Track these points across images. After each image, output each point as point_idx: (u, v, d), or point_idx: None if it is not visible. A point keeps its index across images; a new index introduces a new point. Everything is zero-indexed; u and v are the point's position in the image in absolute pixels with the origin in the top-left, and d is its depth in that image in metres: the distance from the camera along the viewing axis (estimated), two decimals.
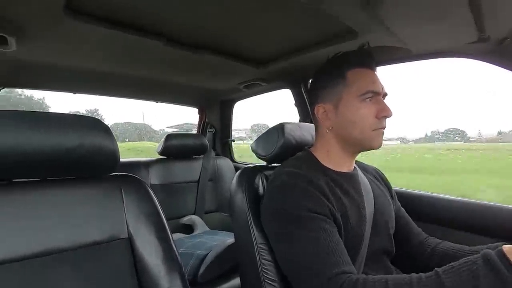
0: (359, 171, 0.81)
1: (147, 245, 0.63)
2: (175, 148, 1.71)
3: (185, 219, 1.65)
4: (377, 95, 0.70)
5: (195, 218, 1.66)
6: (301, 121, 1.50)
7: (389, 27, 0.77)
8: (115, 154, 0.63)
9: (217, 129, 2.12)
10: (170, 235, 0.67)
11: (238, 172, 0.84)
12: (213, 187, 1.84)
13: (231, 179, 0.84)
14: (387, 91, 0.73)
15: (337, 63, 0.74)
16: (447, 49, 0.90)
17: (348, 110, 0.70)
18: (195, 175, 1.79)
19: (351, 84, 0.70)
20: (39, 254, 0.53)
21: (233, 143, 2.17)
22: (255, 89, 1.63)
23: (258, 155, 0.94)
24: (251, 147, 0.97)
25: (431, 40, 0.85)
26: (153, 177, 1.61)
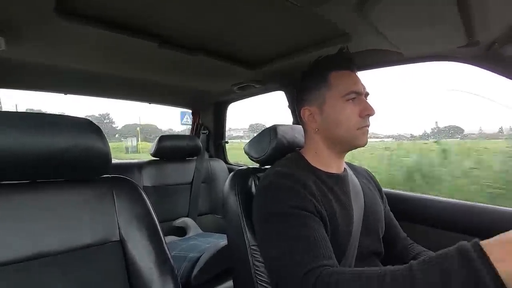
0: (350, 172, 0.82)
1: (139, 248, 0.62)
2: (168, 149, 1.70)
3: (178, 222, 1.63)
4: (359, 95, 0.72)
5: (188, 220, 1.65)
6: (294, 123, 1.50)
7: (381, 30, 0.78)
8: (107, 156, 0.62)
9: (210, 131, 2.11)
10: (162, 238, 0.66)
11: (231, 174, 0.84)
12: (206, 189, 1.83)
13: (225, 181, 0.84)
14: (368, 91, 0.76)
15: (319, 67, 0.76)
16: (438, 53, 0.91)
17: (332, 111, 0.73)
18: (188, 177, 1.78)
19: (334, 86, 0.73)
20: (29, 257, 0.52)
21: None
22: (249, 90, 1.63)
23: (251, 157, 0.94)
24: (244, 149, 0.97)
25: (422, 44, 0.86)
26: (146, 179, 1.60)
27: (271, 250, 0.63)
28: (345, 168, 0.81)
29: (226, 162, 2.08)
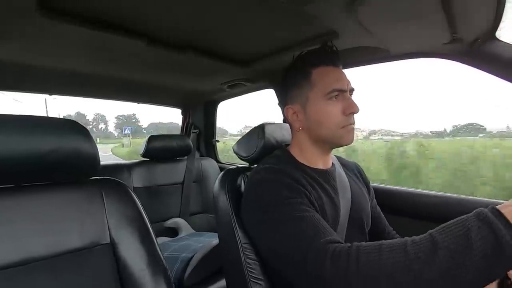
0: (338, 167, 0.82)
1: (131, 250, 0.62)
2: (158, 150, 1.68)
3: (169, 222, 1.62)
4: (343, 92, 0.71)
5: (179, 220, 1.64)
6: (284, 121, 1.51)
7: (368, 28, 0.79)
8: (95, 157, 0.61)
9: (201, 130, 2.10)
10: (154, 239, 0.66)
11: (220, 174, 0.85)
12: (198, 189, 1.82)
13: (216, 180, 0.84)
14: (353, 86, 0.74)
15: (302, 63, 0.75)
16: (423, 50, 0.93)
17: (315, 110, 0.72)
18: (179, 177, 1.76)
19: (316, 83, 0.71)
20: (16, 263, 0.51)
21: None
22: (239, 89, 1.62)
23: (240, 157, 0.95)
24: (233, 148, 0.97)
25: (408, 41, 0.88)
26: (136, 180, 1.58)
27: (272, 239, 0.62)
28: (333, 163, 0.81)
29: (217, 161, 2.08)
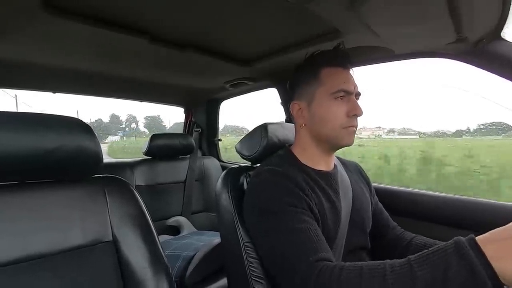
0: (340, 169, 0.82)
1: (133, 248, 0.62)
2: (161, 148, 1.68)
3: (171, 221, 1.63)
4: (349, 94, 0.72)
5: (181, 219, 1.64)
6: (287, 120, 1.51)
7: (372, 27, 0.79)
8: (98, 155, 0.61)
9: (203, 129, 2.10)
10: (156, 237, 0.66)
11: (223, 173, 0.85)
12: (200, 187, 1.82)
13: (218, 178, 0.84)
14: (360, 90, 0.75)
15: (312, 62, 0.76)
16: (428, 49, 0.92)
17: (320, 108, 0.73)
18: (181, 176, 1.76)
19: (324, 82, 0.72)
20: (18, 260, 0.51)
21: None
22: (241, 88, 1.62)
23: (242, 156, 0.95)
24: (235, 148, 0.97)
25: (412, 40, 0.87)
26: (138, 178, 1.59)
27: (268, 244, 0.64)
28: (335, 164, 0.81)
29: (219, 159, 2.08)
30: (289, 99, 0.81)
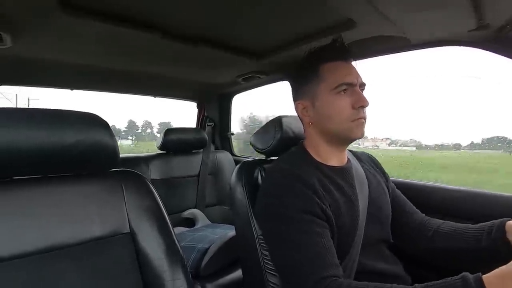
0: (354, 162, 0.81)
1: (149, 239, 0.64)
2: (175, 142, 1.70)
3: (186, 213, 1.65)
4: (352, 86, 0.70)
5: (196, 211, 1.66)
6: None
7: (387, 16, 0.76)
8: (115, 150, 0.63)
9: (216, 123, 2.11)
10: (171, 229, 0.67)
11: (237, 166, 0.85)
12: (213, 181, 1.84)
13: (231, 172, 0.85)
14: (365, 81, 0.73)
15: (311, 60, 0.75)
16: (446, 38, 0.89)
17: (323, 105, 0.72)
18: (195, 169, 1.79)
19: (325, 79, 0.71)
20: (41, 250, 0.54)
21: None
22: (253, 81, 1.62)
23: (256, 149, 0.95)
24: (249, 141, 0.97)
25: (429, 29, 0.84)
26: (153, 172, 1.62)
27: (277, 252, 0.66)
28: (348, 158, 0.80)
29: (232, 153, 2.09)
30: (293, 98, 0.80)
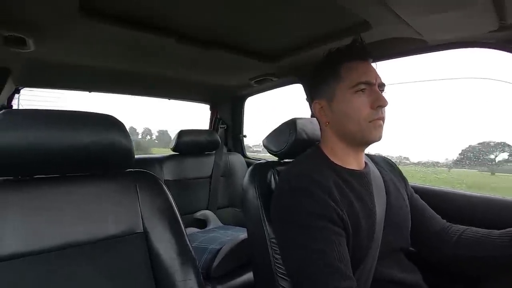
0: (372, 167, 0.79)
1: (162, 239, 0.65)
2: (188, 144, 1.73)
3: (199, 214, 1.67)
4: (370, 85, 0.69)
5: (208, 213, 1.68)
6: (312, 116, 1.48)
7: (403, 17, 0.75)
8: (130, 150, 0.64)
9: (228, 125, 2.13)
10: (184, 230, 0.68)
11: (250, 168, 0.85)
12: (225, 183, 1.85)
13: (243, 174, 0.85)
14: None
15: (331, 60, 0.74)
16: (465, 39, 0.86)
17: (341, 104, 0.70)
18: (207, 171, 1.80)
19: (344, 78, 0.70)
20: (58, 247, 0.55)
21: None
22: (266, 84, 1.62)
23: (269, 151, 0.94)
24: (262, 143, 0.97)
25: (447, 30, 0.82)
26: (167, 173, 1.64)
27: (293, 259, 0.64)
28: (366, 163, 0.78)
29: (244, 156, 2.09)
30: (310, 99, 0.80)
